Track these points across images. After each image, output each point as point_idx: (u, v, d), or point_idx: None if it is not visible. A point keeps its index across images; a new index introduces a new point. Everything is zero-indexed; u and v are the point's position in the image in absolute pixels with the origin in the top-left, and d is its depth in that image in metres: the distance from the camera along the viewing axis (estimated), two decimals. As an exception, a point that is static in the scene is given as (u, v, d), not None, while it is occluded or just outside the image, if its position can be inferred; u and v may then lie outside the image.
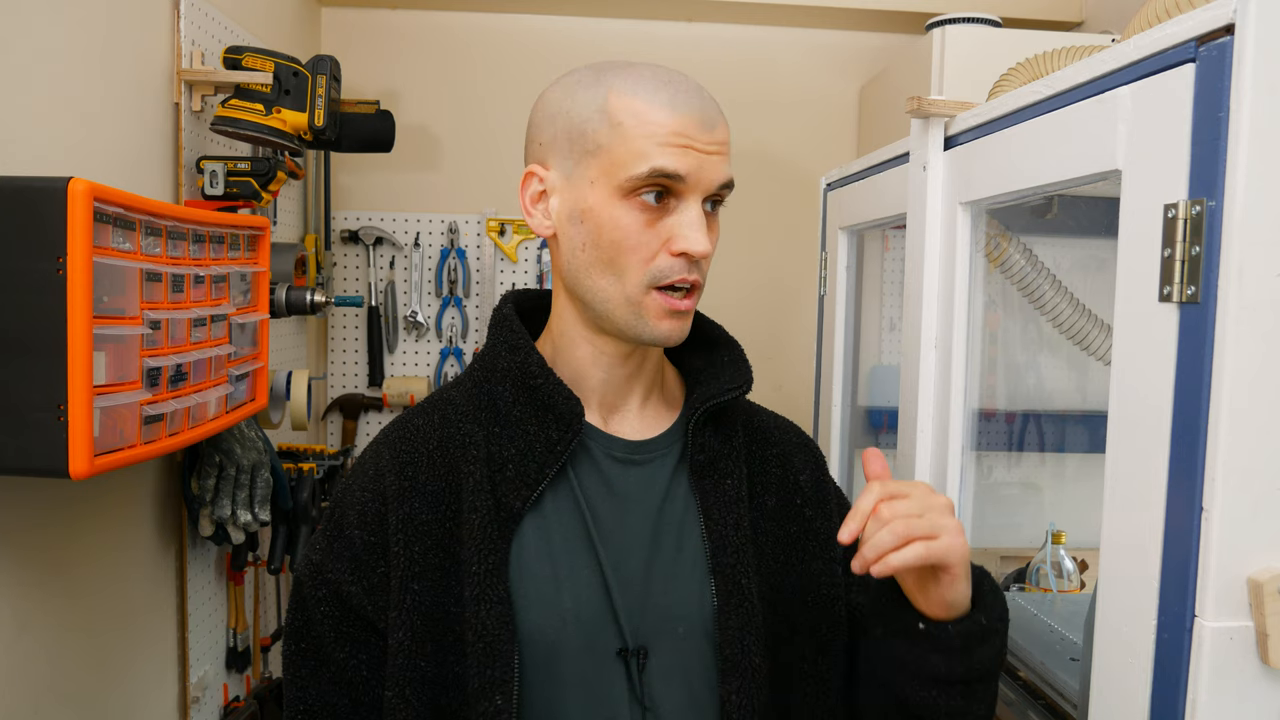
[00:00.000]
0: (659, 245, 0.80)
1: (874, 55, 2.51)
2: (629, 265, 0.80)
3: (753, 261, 2.50)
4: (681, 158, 0.79)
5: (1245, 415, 0.70)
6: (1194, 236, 0.72)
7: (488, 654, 0.79)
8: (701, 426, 0.88)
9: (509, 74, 2.46)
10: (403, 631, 0.81)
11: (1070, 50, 1.26)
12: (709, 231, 0.82)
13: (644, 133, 0.79)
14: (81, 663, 1.30)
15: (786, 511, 0.92)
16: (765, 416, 0.98)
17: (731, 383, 0.89)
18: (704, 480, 0.88)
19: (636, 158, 0.79)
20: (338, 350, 2.49)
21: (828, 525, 0.93)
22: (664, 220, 0.80)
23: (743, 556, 0.86)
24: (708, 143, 0.80)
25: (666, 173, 0.78)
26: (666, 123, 0.79)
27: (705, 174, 0.80)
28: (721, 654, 0.83)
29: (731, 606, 0.84)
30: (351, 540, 0.85)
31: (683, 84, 0.82)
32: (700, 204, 0.80)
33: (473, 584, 0.81)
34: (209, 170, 1.56)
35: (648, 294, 0.81)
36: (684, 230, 0.79)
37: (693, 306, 0.83)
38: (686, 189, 0.80)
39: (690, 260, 0.80)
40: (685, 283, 0.81)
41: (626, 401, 0.90)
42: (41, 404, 0.96)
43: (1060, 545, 1.46)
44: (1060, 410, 1.69)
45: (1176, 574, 0.74)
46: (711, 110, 0.82)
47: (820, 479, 0.96)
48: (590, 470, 0.86)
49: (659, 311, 0.81)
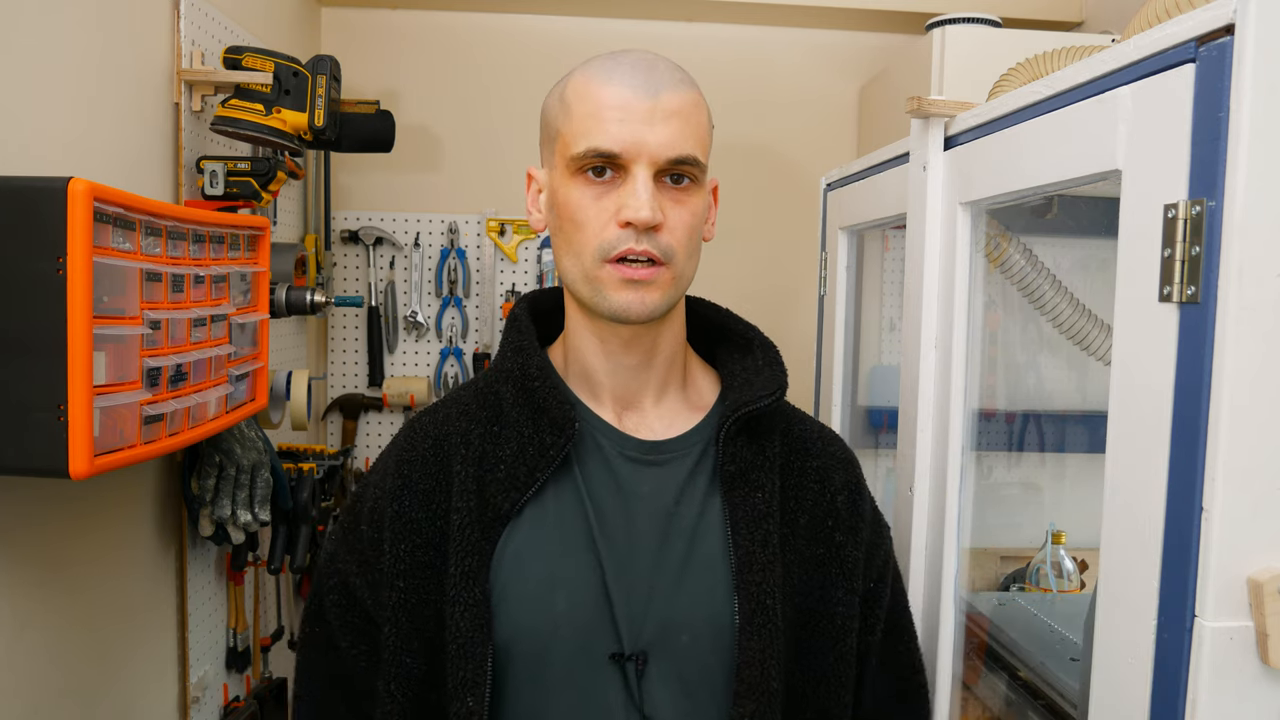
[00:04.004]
0: (608, 218, 0.80)
1: (874, 55, 2.51)
2: (583, 241, 0.81)
3: (752, 261, 2.50)
4: (617, 130, 0.78)
5: (1245, 415, 0.70)
6: (1194, 236, 0.72)
7: (460, 655, 0.79)
8: (734, 435, 0.85)
9: (509, 74, 2.46)
10: (390, 627, 0.82)
11: (1070, 50, 1.25)
12: (676, 205, 0.81)
13: (585, 111, 0.80)
14: (82, 662, 1.30)
15: (817, 533, 0.88)
16: (807, 425, 0.94)
17: (765, 389, 0.87)
18: (734, 492, 0.84)
19: (578, 136, 0.80)
20: (338, 350, 2.49)
21: (855, 554, 0.90)
22: (612, 193, 0.80)
23: (769, 575, 0.83)
24: (649, 111, 0.79)
25: (600, 150, 0.78)
26: (605, 98, 0.79)
27: (647, 144, 0.78)
28: (740, 675, 0.80)
29: (755, 627, 0.81)
30: (360, 535, 0.87)
31: (631, 60, 0.82)
32: (647, 173, 0.79)
33: (450, 585, 0.81)
34: (209, 170, 1.56)
35: (601, 267, 0.80)
36: (626, 199, 0.79)
37: (653, 276, 0.80)
38: (628, 159, 0.79)
39: (637, 230, 0.79)
40: (634, 254, 0.79)
41: (640, 398, 0.88)
42: (41, 404, 0.96)
43: (1060, 545, 1.46)
44: (1060, 410, 1.68)
45: (1176, 574, 0.74)
46: (658, 79, 0.80)
47: (856, 502, 0.92)
48: (600, 469, 0.85)
49: (614, 283, 0.80)
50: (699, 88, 0.84)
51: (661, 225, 0.80)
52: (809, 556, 0.87)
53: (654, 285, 0.81)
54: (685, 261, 0.83)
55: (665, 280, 0.81)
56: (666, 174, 0.80)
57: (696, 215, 0.83)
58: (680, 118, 0.80)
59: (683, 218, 0.81)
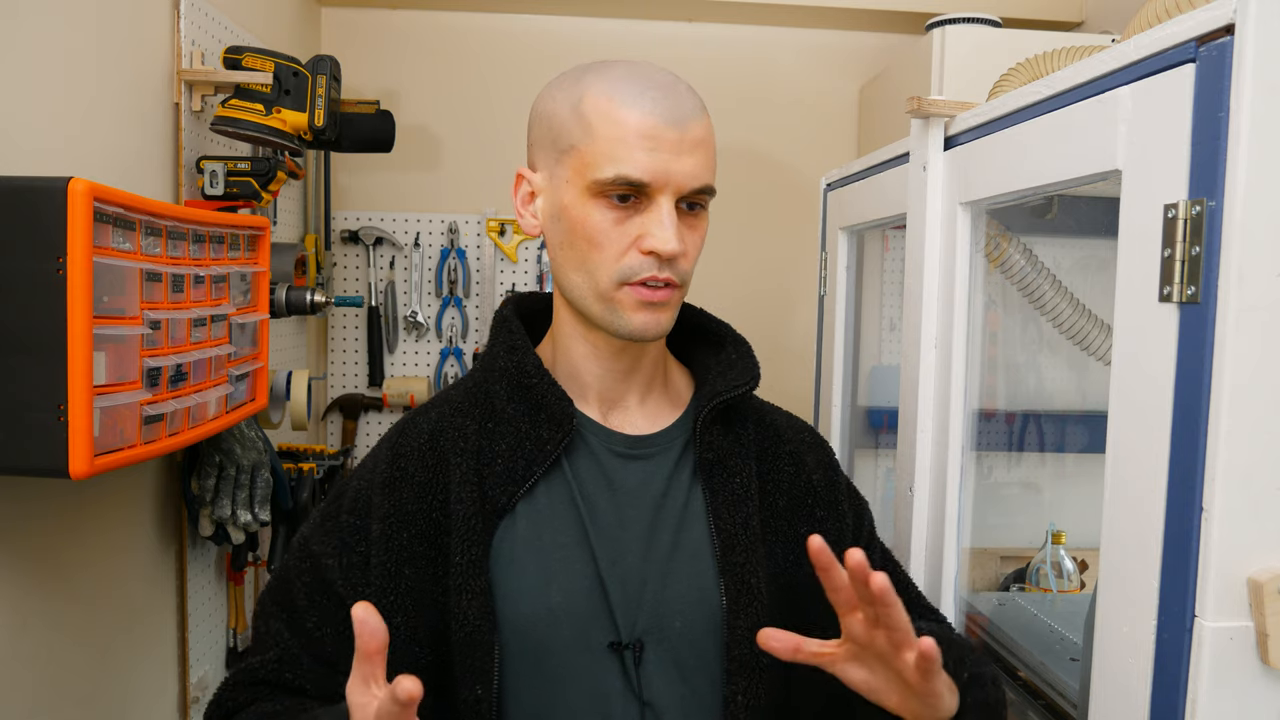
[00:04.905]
0: (629, 243, 0.81)
1: (874, 55, 2.51)
2: (600, 262, 0.82)
3: (753, 262, 2.50)
4: (647, 161, 0.79)
5: (1245, 415, 0.70)
6: (1194, 237, 0.72)
7: (468, 643, 0.81)
8: (710, 424, 0.89)
9: (509, 74, 2.46)
10: (400, 616, 0.83)
11: (1070, 50, 1.25)
12: (690, 231, 0.83)
13: (612, 135, 0.80)
14: (81, 662, 1.30)
15: (798, 512, 0.92)
16: (777, 415, 0.98)
17: (739, 379, 0.90)
18: (712, 478, 0.88)
19: (604, 161, 0.80)
20: (338, 350, 2.49)
21: (839, 526, 0.93)
22: (634, 218, 0.81)
23: (752, 555, 0.86)
24: (677, 142, 0.80)
25: (630, 180, 0.79)
26: (633, 124, 0.80)
27: (674, 175, 0.80)
28: (729, 654, 0.83)
29: (741, 606, 0.84)
30: (340, 523, 0.88)
31: (655, 82, 0.82)
32: (671, 203, 0.81)
33: (456, 574, 0.82)
34: (209, 170, 1.56)
35: (619, 289, 0.82)
36: (652, 229, 0.80)
37: (669, 298, 0.83)
38: (655, 189, 0.80)
39: (660, 259, 0.81)
40: (656, 280, 0.81)
41: (625, 398, 0.90)
42: (41, 404, 0.96)
43: (1060, 545, 1.46)
44: (1060, 410, 1.68)
45: (1176, 574, 0.74)
46: (685, 109, 0.81)
47: (832, 478, 0.96)
48: (588, 464, 0.87)
49: (632, 304, 0.82)
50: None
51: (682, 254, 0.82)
52: (792, 535, 0.90)
53: (668, 307, 0.84)
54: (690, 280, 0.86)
55: (677, 300, 0.85)
56: (684, 200, 0.82)
57: (704, 237, 0.86)
58: (702, 148, 0.82)
59: (695, 242, 0.84)
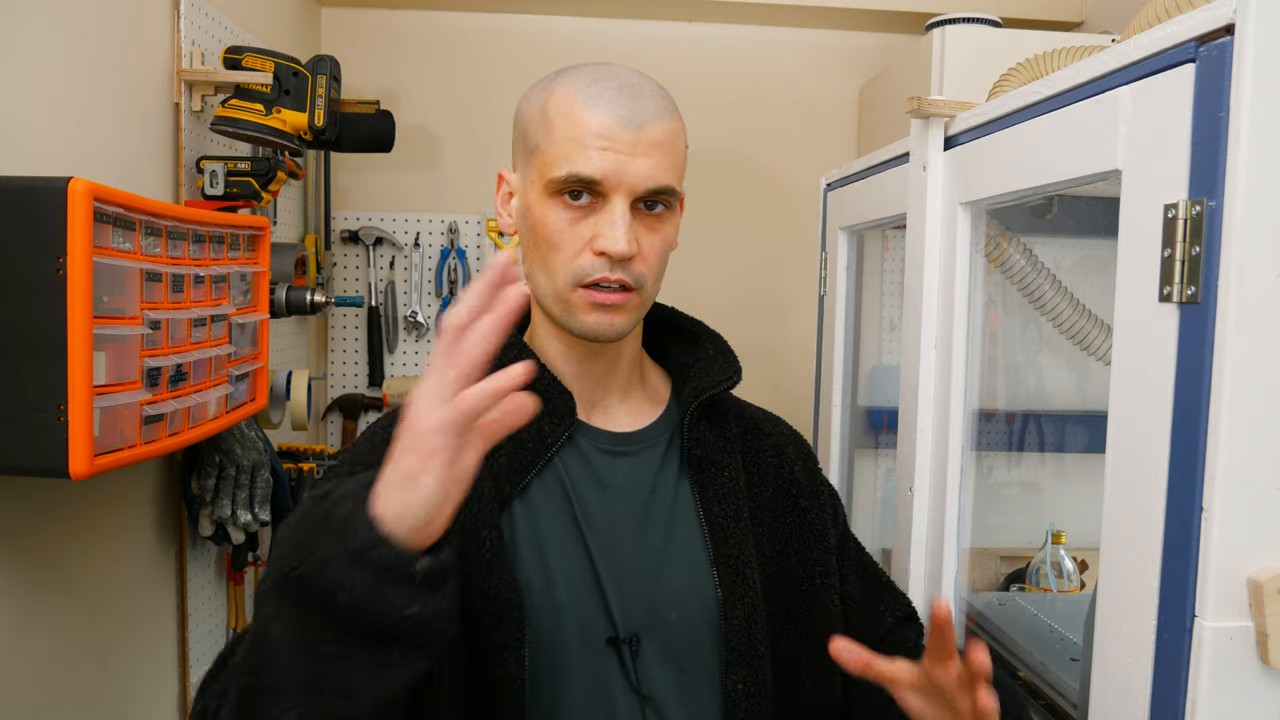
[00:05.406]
0: (583, 244, 0.81)
1: (874, 55, 2.50)
2: (557, 263, 0.82)
3: (753, 261, 2.50)
4: (599, 160, 0.79)
5: (1245, 415, 0.70)
6: (1194, 237, 0.72)
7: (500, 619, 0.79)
8: (696, 420, 0.90)
9: (509, 74, 2.46)
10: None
11: (1070, 50, 1.25)
12: (650, 233, 0.82)
13: (569, 134, 0.81)
14: (81, 662, 1.30)
15: (783, 502, 0.93)
16: (754, 410, 1.00)
17: (722, 375, 0.91)
18: (701, 473, 0.89)
19: (560, 160, 0.81)
20: (338, 350, 2.49)
21: (821, 516, 0.95)
22: (589, 219, 0.81)
23: (744, 548, 0.87)
24: (633, 142, 0.80)
25: (581, 177, 0.80)
26: (591, 124, 0.80)
27: (628, 174, 0.80)
28: (728, 644, 0.84)
29: (736, 597, 0.85)
30: None
31: (618, 83, 0.82)
32: (625, 203, 0.80)
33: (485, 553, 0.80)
34: (209, 170, 1.56)
35: (574, 290, 0.82)
36: (604, 229, 0.80)
37: (623, 302, 0.82)
38: (608, 189, 0.80)
39: (611, 260, 0.80)
40: (608, 282, 0.81)
41: (606, 397, 0.91)
42: (41, 404, 0.96)
43: (1060, 545, 1.46)
44: (1060, 410, 1.69)
45: (1176, 574, 0.74)
46: (646, 110, 0.81)
47: (812, 470, 0.98)
48: (577, 461, 0.87)
49: (585, 305, 0.82)
50: (679, 111, 0.86)
51: (635, 255, 0.82)
52: (778, 525, 0.92)
53: (623, 309, 0.83)
54: (653, 284, 0.86)
55: (634, 304, 0.84)
56: (642, 201, 0.82)
57: (668, 240, 0.85)
58: (661, 149, 0.82)
59: (655, 245, 0.84)
